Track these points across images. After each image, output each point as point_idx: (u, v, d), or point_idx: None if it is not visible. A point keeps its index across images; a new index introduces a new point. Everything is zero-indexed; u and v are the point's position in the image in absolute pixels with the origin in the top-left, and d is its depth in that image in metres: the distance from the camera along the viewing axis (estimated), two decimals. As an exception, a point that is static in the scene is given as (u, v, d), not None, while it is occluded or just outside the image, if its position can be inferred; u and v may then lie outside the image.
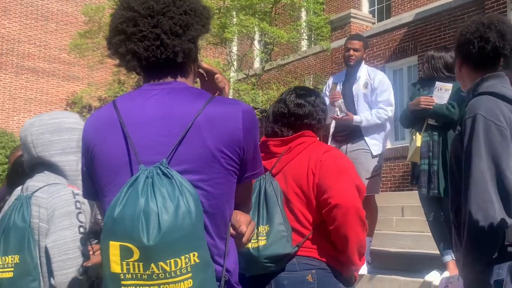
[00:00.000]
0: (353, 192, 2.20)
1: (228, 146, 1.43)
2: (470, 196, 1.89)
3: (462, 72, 2.21)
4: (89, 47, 14.74)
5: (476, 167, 1.90)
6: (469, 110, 2.00)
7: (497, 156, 1.90)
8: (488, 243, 1.87)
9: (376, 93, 4.77)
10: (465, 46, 2.13)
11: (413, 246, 5.56)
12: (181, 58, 1.48)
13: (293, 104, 2.37)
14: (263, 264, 2.14)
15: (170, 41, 1.45)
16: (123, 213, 1.29)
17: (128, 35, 1.46)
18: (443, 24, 9.97)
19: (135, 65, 1.49)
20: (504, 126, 1.93)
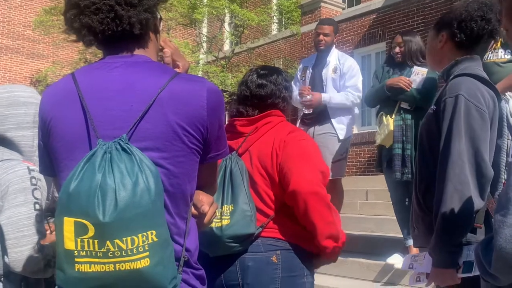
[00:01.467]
0: (314, 176, 2.18)
1: (191, 124, 1.39)
2: (447, 177, 1.90)
3: (443, 49, 2.17)
4: (55, 24, 14.37)
5: (455, 148, 1.90)
6: (449, 90, 1.99)
7: (476, 138, 1.91)
8: (462, 225, 1.89)
9: (345, 78, 4.80)
10: (467, 22, 2.09)
11: (375, 230, 5.66)
12: (138, 30, 1.43)
13: (254, 85, 2.34)
14: (226, 244, 2.12)
15: (125, 12, 1.39)
16: (79, 189, 1.25)
17: (82, 8, 1.40)
18: (412, 11, 10.05)
19: (91, 39, 1.43)
20: (484, 109, 1.93)
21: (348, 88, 4.79)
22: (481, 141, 1.91)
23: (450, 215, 1.88)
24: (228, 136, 2.27)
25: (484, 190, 1.91)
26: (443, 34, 2.17)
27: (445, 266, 1.92)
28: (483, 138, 1.92)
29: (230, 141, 2.25)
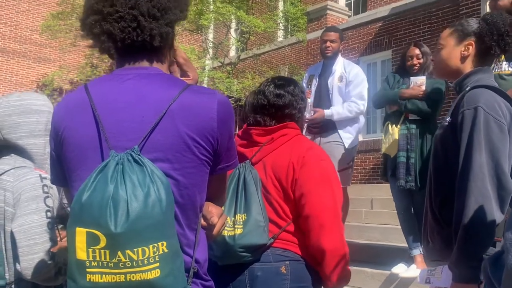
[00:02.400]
0: (333, 202, 2.19)
1: (202, 135, 1.40)
2: (469, 190, 1.87)
3: (466, 58, 2.14)
4: (62, 28, 14.44)
5: (476, 160, 1.88)
6: (467, 101, 1.97)
7: (495, 151, 1.89)
8: (484, 239, 1.86)
9: (350, 86, 4.81)
10: (505, 37, 2.08)
11: (380, 239, 5.65)
12: (158, 42, 1.45)
13: (272, 95, 2.35)
14: (238, 253, 2.12)
15: (148, 24, 1.42)
16: (91, 199, 1.26)
17: (104, 15, 1.42)
18: (418, 19, 10.07)
19: (110, 46, 1.44)
20: (503, 121, 1.92)
21: (353, 97, 4.80)
22: (501, 153, 1.89)
23: (472, 229, 1.86)
24: (244, 144, 2.29)
25: (505, 203, 1.88)
26: (470, 43, 2.13)
27: (467, 281, 1.87)
28: (503, 151, 1.90)
29: (244, 149, 2.27)
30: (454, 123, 2.00)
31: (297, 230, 2.21)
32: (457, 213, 1.91)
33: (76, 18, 13.90)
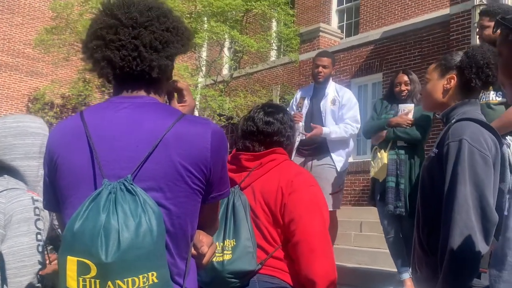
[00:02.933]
0: (322, 228, 2.20)
1: (195, 165, 1.42)
2: (454, 221, 1.89)
3: (449, 91, 2.19)
4: (55, 43, 14.44)
5: (461, 192, 1.91)
6: (452, 134, 2.01)
7: (480, 183, 1.91)
8: (469, 269, 1.88)
9: (344, 110, 4.88)
10: (485, 69, 2.12)
11: (369, 262, 5.64)
12: (156, 74, 1.47)
13: (261, 122, 2.38)
14: (227, 279, 2.12)
15: (148, 55, 1.45)
16: (83, 228, 1.28)
17: (107, 41, 1.45)
18: (409, 43, 10.19)
19: (109, 72, 1.47)
20: (487, 154, 1.95)
21: (347, 120, 4.86)
22: (485, 185, 1.92)
23: (457, 260, 1.88)
24: (233, 169, 2.30)
25: (489, 235, 1.91)
26: (452, 76, 2.18)
27: None
28: (487, 183, 1.93)
29: (233, 174, 2.27)
30: (440, 154, 2.03)
31: (285, 256, 2.21)
32: (442, 243, 1.93)
33: (69, 33, 13.94)
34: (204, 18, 13.68)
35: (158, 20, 1.48)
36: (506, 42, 1.45)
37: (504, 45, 1.46)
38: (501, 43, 1.47)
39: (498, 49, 1.50)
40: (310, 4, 15.21)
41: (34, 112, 15.45)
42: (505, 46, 1.45)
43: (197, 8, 13.65)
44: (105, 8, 1.50)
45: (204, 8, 13.19)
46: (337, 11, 14.58)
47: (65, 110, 16.12)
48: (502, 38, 1.47)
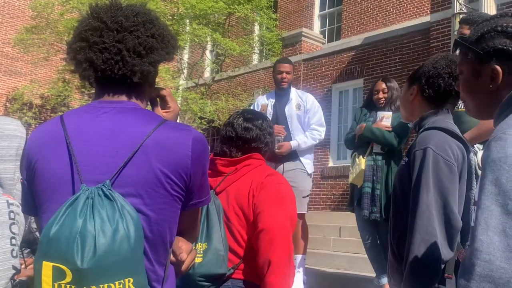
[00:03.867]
0: (285, 221, 2.20)
1: (175, 172, 1.41)
2: (415, 228, 1.93)
3: (413, 102, 2.25)
4: (35, 42, 14.26)
5: (423, 200, 1.94)
6: (419, 142, 2.05)
7: (444, 190, 1.95)
8: (429, 275, 1.90)
9: (309, 114, 4.98)
10: (435, 79, 2.18)
11: (348, 267, 5.68)
12: (138, 79, 1.47)
13: (240, 128, 2.40)
14: (197, 282, 2.12)
15: (131, 59, 1.44)
16: (59, 233, 1.26)
17: (90, 43, 1.44)
18: (390, 50, 10.30)
19: (90, 75, 1.46)
20: (452, 162, 1.98)
21: (313, 125, 4.98)
22: (450, 193, 1.96)
23: (417, 266, 1.91)
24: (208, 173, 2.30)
25: (453, 241, 1.95)
26: (414, 88, 2.25)
27: None
28: (452, 190, 1.97)
29: (209, 179, 2.28)
30: (409, 162, 2.07)
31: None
32: (406, 250, 1.97)
33: (49, 32, 13.79)
34: (186, 21, 13.64)
35: (143, 26, 1.48)
36: (465, 61, 1.51)
37: (464, 64, 1.52)
38: (461, 62, 1.54)
39: (459, 68, 1.57)
40: (293, 9, 15.28)
41: (13, 112, 15.24)
42: (464, 65, 1.52)
43: (180, 10, 13.62)
44: (92, 11, 1.49)
45: (187, 11, 13.16)
46: (319, 16, 14.67)
47: (44, 111, 15.93)
48: (462, 57, 1.53)
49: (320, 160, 10.79)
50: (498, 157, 1.18)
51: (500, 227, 1.13)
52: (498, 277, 1.10)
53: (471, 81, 1.50)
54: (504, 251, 1.11)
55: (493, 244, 1.13)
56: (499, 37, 1.43)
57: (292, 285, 2.24)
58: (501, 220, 1.13)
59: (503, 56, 1.41)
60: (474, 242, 1.16)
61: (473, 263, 1.14)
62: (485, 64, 1.43)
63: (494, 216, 1.14)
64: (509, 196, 1.14)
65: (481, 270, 1.12)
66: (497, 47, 1.42)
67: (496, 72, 1.40)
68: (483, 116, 1.56)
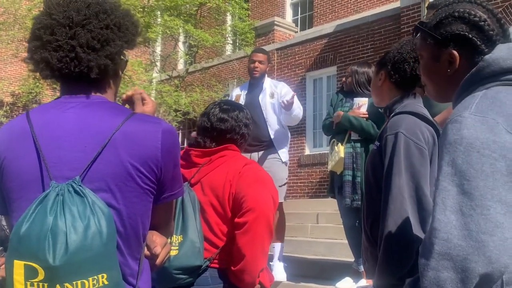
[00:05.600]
0: (268, 201, 2.24)
1: (145, 164, 1.41)
2: (388, 212, 1.96)
3: (382, 87, 2.28)
4: (3, 39, 13.97)
5: (395, 184, 1.97)
6: (390, 127, 2.07)
7: (416, 174, 1.98)
8: (403, 258, 1.93)
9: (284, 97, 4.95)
10: (400, 64, 2.20)
11: (326, 253, 5.73)
12: (95, 74, 1.44)
13: (216, 118, 2.39)
14: (174, 275, 2.13)
15: (85, 55, 1.41)
16: (29, 231, 1.25)
17: (44, 42, 1.42)
18: (362, 36, 10.35)
19: (48, 74, 1.44)
20: (423, 145, 2.01)
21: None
22: (421, 176, 1.99)
23: (390, 249, 1.95)
24: (183, 164, 2.30)
25: (426, 223, 1.96)
26: (382, 73, 2.28)
27: None
28: (423, 174, 2.00)
29: (184, 170, 2.28)
30: (381, 147, 2.10)
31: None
32: (380, 234, 2.01)
33: (18, 29, 13.52)
34: (158, 12, 13.51)
35: (96, 18, 1.44)
36: (424, 46, 1.55)
37: (423, 48, 1.56)
38: (421, 47, 1.58)
39: (419, 52, 1.61)
40: (265, -2, 15.24)
41: (-17, 111, 14.95)
42: (424, 49, 1.56)
43: (150, 2, 13.47)
44: (44, 7, 1.46)
45: (157, 2, 13.03)
46: (291, 4, 14.66)
47: (15, 108, 15.64)
48: (421, 42, 1.57)
49: (297, 149, 10.84)
50: (454, 139, 1.22)
51: (456, 207, 1.18)
52: (455, 255, 1.15)
53: (430, 66, 1.54)
54: (461, 229, 1.16)
55: (450, 223, 1.17)
56: (456, 23, 1.47)
57: (266, 262, 2.28)
58: (457, 200, 1.18)
59: (460, 41, 1.45)
60: (433, 222, 1.21)
61: (432, 242, 1.18)
62: (443, 49, 1.48)
63: (451, 196, 1.19)
64: (465, 177, 1.18)
65: (440, 248, 1.17)
66: (454, 32, 1.46)
67: (453, 57, 1.45)
68: (442, 99, 1.61)
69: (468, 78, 1.39)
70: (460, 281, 1.14)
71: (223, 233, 2.24)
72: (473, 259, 1.13)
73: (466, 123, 1.22)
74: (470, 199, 1.16)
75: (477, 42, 1.43)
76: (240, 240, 2.18)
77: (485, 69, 1.36)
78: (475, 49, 1.42)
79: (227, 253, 2.22)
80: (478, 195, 1.16)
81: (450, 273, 1.15)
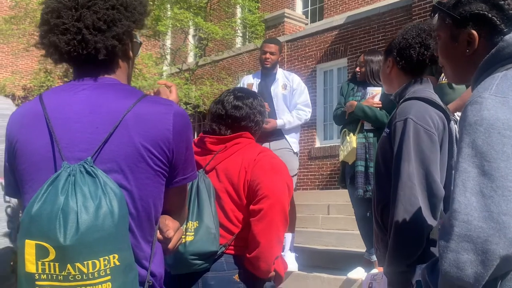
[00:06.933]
0: (284, 188, 2.24)
1: (157, 146, 1.40)
2: (398, 199, 1.94)
3: (391, 74, 2.27)
4: (15, 33, 14.05)
5: (404, 170, 1.95)
6: (399, 113, 2.06)
7: (425, 160, 1.96)
8: (413, 245, 1.92)
9: (295, 95, 4.98)
10: (406, 50, 2.19)
11: (337, 244, 5.72)
12: (103, 55, 1.43)
13: (230, 105, 2.39)
14: (190, 260, 2.13)
15: (92, 37, 1.40)
16: (41, 211, 1.25)
17: (51, 26, 1.41)
18: (373, 28, 10.28)
19: (57, 58, 1.44)
20: (433, 131, 1.99)
21: (299, 105, 4.98)
22: (431, 162, 1.97)
23: (400, 236, 1.94)
24: (198, 151, 2.31)
25: (436, 210, 1.96)
26: (389, 60, 2.27)
27: (398, 286, 1.97)
28: (433, 160, 1.98)
29: (198, 157, 2.28)
30: (390, 134, 2.09)
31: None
32: (390, 221, 1.99)
33: (29, 22, 13.58)
34: (167, 5, 13.51)
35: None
36: (443, 26, 1.53)
37: (442, 29, 1.53)
38: (439, 27, 1.55)
39: (437, 33, 1.58)
40: (274, -10, 15.18)
41: (-6, 105, 15.03)
42: (442, 30, 1.53)
43: (160, -5, 13.47)
44: None
45: (167, -5, 13.04)
46: (301, -4, 14.60)
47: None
48: (440, 22, 1.55)
49: (307, 141, 10.81)
50: (474, 120, 1.20)
51: (477, 188, 1.15)
52: (476, 237, 1.13)
53: (448, 46, 1.51)
54: (482, 211, 1.13)
55: (470, 205, 1.15)
56: (475, 2, 1.45)
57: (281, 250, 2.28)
58: (478, 181, 1.16)
59: (479, 21, 1.42)
60: (453, 204, 1.18)
61: (452, 224, 1.16)
62: (462, 29, 1.45)
63: (471, 177, 1.17)
64: (485, 158, 1.16)
65: (460, 230, 1.14)
66: (474, 12, 1.43)
67: (472, 37, 1.42)
68: (461, 81, 1.58)
69: (487, 59, 1.36)
70: (481, 263, 1.12)
71: (239, 220, 2.24)
72: (493, 240, 1.11)
73: (487, 104, 1.19)
74: (491, 181, 1.14)
75: (496, 22, 1.40)
76: (255, 227, 2.17)
77: (505, 50, 1.33)
78: (495, 29, 1.40)
79: (243, 239, 2.22)
80: (499, 176, 1.14)
81: (470, 255, 1.13)
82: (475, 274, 1.13)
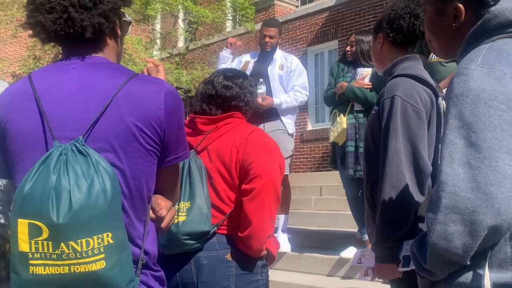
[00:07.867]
0: (276, 167, 2.25)
1: (148, 125, 1.40)
2: (385, 175, 1.96)
3: (382, 51, 2.26)
4: (2, 19, 13.86)
5: (392, 147, 1.97)
6: (387, 91, 2.06)
7: (413, 136, 1.97)
8: (400, 220, 1.95)
9: (293, 76, 4.94)
10: (396, 21, 2.17)
11: (329, 225, 5.77)
12: (90, 34, 1.42)
13: (220, 85, 2.38)
14: (182, 240, 2.14)
15: (78, 15, 1.39)
16: (33, 190, 1.25)
17: (37, 5, 1.40)
18: (363, 9, 10.25)
19: (44, 37, 1.43)
20: (420, 108, 2.00)
21: (297, 87, 4.95)
22: (419, 139, 1.98)
23: (387, 212, 1.96)
24: (189, 132, 2.30)
25: (424, 186, 1.98)
26: (380, 36, 2.26)
27: (385, 261, 2.00)
28: (420, 136, 1.99)
29: (189, 138, 2.27)
30: (379, 111, 2.09)
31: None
32: (378, 197, 2.01)
33: (17, 8, 13.40)
34: (157, -11, 13.37)
35: None
36: (429, 0, 1.51)
37: (428, 3, 1.52)
38: (425, 1, 1.54)
39: (423, 7, 1.57)
40: (264, -27, 15.05)
41: (-17, 92, 14.89)
42: (428, 4, 1.52)
43: (149, -21, 13.32)
44: None
45: (156, -21, 12.90)
46: (291, -21, 14.48)
47: (16, 89, 15.61)
48: None
49: (299, 124, 10.82)
50: (460, 91, 1.20)
51: (464, 159, 1.15)
52: (464, 208, 1.13)
53: (435, 20, 1.50)
54: (469, 182, 1.14)
55: (457, 176, 1.15)
56: None
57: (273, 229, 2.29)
58: (465, 152, 1.16)
59: None
60: (440, 176, 1.18)
61: (439, 196, 1.17)
62: (448, 2, 1.44)
63: (458, 149, 1.17)
64: (472, 129, 1.16)
65: (447, 202, 1.15)
66: None
67: (459, 10, 1.41)
68: (447, 55, 1.58)
69: (473, 31, 1.35)
70: (469, 234, 1.13)
71: (230, 199, 2.24)
72: (481, 211, 1.11)
73: (473, 75, 1.19)
74: (478, 151, 1.14)
75: None
76: (247, 207, 2.18)
77: (491, 21, 1.33)
78: (481, 2, 1.38)
79: (235, 219, 2.23)
80: (486, 147, 1.14)
81: (458, 226, 1.13)
82: (463, 245, 1.14)
